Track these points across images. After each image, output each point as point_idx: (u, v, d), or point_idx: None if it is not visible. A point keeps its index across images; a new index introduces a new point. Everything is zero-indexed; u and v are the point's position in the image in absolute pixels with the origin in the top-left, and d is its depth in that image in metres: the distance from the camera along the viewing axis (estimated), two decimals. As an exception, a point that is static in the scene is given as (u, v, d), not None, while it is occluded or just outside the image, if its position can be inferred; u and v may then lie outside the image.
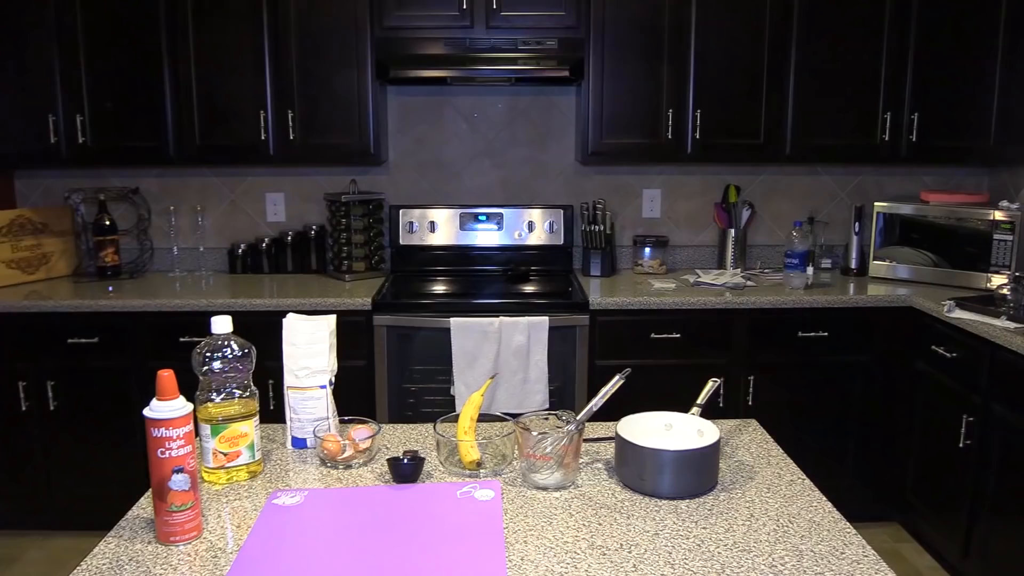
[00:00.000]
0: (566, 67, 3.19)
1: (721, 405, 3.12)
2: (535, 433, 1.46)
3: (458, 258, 3.65)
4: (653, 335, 3.12)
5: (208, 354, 1.47)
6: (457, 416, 1.60)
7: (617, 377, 1.57)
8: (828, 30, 3.26)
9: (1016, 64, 3.10)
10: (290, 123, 3.27)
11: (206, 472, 1.50)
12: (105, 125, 3.28)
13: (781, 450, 1.65)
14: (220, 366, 1.47)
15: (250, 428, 1.51)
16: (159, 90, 3.25)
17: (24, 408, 3.13)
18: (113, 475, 3.17)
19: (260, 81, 3.25)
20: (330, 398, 1.66)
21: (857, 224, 3.51)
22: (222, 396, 1.48)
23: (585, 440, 1.60)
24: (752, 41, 3.27)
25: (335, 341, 1.70)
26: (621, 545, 1.27)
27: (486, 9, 3.19)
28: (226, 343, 1.48)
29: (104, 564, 1.22)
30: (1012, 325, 2.64)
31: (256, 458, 1.53)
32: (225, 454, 1.49)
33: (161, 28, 3.21)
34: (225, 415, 1.48)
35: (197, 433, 1.43)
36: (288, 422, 1.67)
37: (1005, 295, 2.84)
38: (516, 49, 3.19)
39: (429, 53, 3.22)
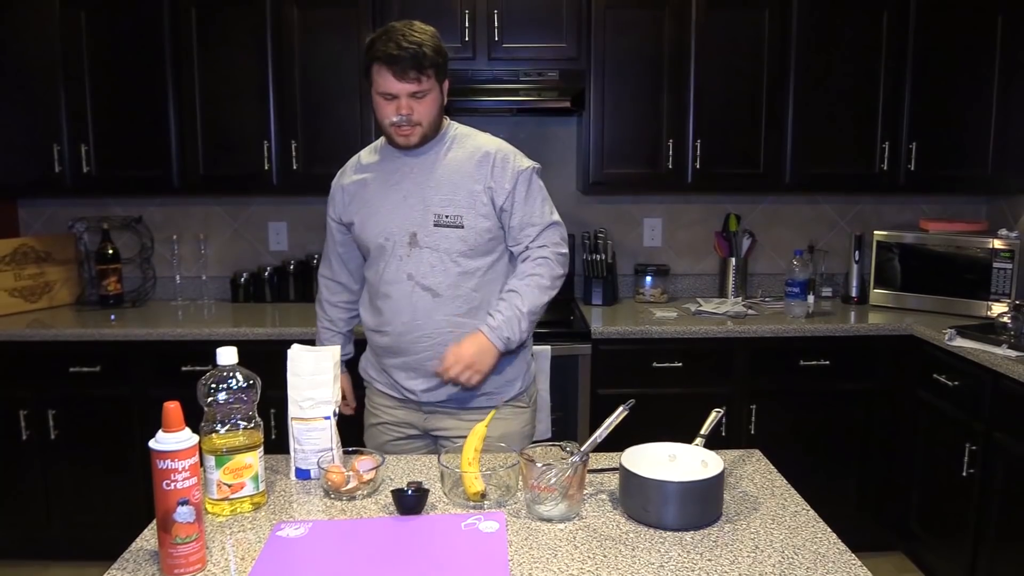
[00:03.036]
0: (567, 98, 3.22)
1: (723, 434, 3.11)
2: (539, 464, 1.46)
3: (460, 286, 3.65)
4: (655, 364, 3.12)
5: (213, 385, 1.47)
6: (461, 447, 1.60)
7: (621, 408, 1.58)
8: (826, 61, 3.30)
9: (1012, 93, 3.13)
10: (293, 153, 3.29)
11: (210, 503, 1.49)
12: (109, 154, 3.30)
13: (785, 481, 1.65)
14: (225, 397, 1.47)
15: (255, 459, 1.51)
16: (163, 120, 3.28)
17: (25, 437, 3.12)
18: (114, 505, 3.15)
19: (264, 111, 3.28)
20: (334, 429, 1.66)
21: (857, 253, 3.52)
22: (227, 427, 1.49)
23: (589, 471, 1.60)
24: (751, 72, 3.30)
25: (339, 372, 1.71)
26: (626, 578, 1.26)
27: (488, 41, 3.22)
28: (231, 374, 1.48)
29: (108, 597, 1.22)
30: (1013, 353, 2.65)
31: (260, 489, 1.53)
32: (229, 485, 1.49)
33: (166, 58, 3.24)
34: (229, 446, 1.48)
35: (201, 464, 1.43)
36: (292, 453, 1.67)
37: (1006, 323, 2.85)
38: (518, 80, 3.23)
39: (431, 84, 3.25)
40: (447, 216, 1.98)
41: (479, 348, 1.94)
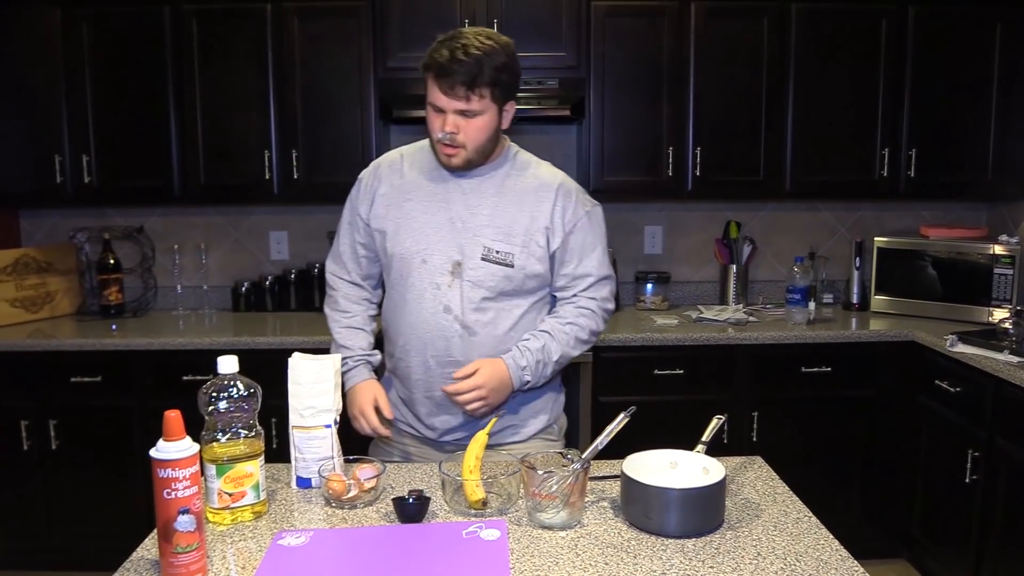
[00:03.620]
0: (567, 106, 3.23)
1: (725, 441, 3.11)
2: (540, 472, 1.46)
3: (460, 295, 3.65)
4: (656, 371, 3.12)
5: (214, 394, 1.47)
6: (462, 455, 1.60)
7: (622, 415, 1.58)
8: (825, 68, 3.30)
9: (1012, 99, 3.14)
10: (294, 162, 3.30)
11: (211, 512, 1.49)
12: (111, 165, 3.31)
13: (787, 487, 1.65)
14: (226, 406, 1.47)
15: (255, 468, 1.50)
16: (165, 130, 3.29)
17: (26, 447, 3.12)
18: (114, 514, 3.14)
19: (265, 121, 3.29)
20: (335, 437, 1.66)
21: (858, 259, 3.52)
22: (228, 436, 1.48)
23: (590, 479, 1.60)
24: (751, 79, 3.31)
25: (340, 380, 1.70)
26: (628, 585, 1.26)
27: (488, 50, 3.23)
28: (232, 383, 1.48)
29: (109, 607, 1.22)
30: (1015, 359, 2.64)
31: (261, 498, 1.53)
32: (230, 494, 1.48)
33: (167, 68, 3.26)
34: (230, 455, 1.48)
35: (202, 473, 1.43)
36: (293, 461, 1.67)
37: (1007, 329, 2.85)
38: (518, 89, 3.23)
39: (432, 93, 3.26)
40: (497, 252, 1.81)
41: (500, 383, 1.79)
